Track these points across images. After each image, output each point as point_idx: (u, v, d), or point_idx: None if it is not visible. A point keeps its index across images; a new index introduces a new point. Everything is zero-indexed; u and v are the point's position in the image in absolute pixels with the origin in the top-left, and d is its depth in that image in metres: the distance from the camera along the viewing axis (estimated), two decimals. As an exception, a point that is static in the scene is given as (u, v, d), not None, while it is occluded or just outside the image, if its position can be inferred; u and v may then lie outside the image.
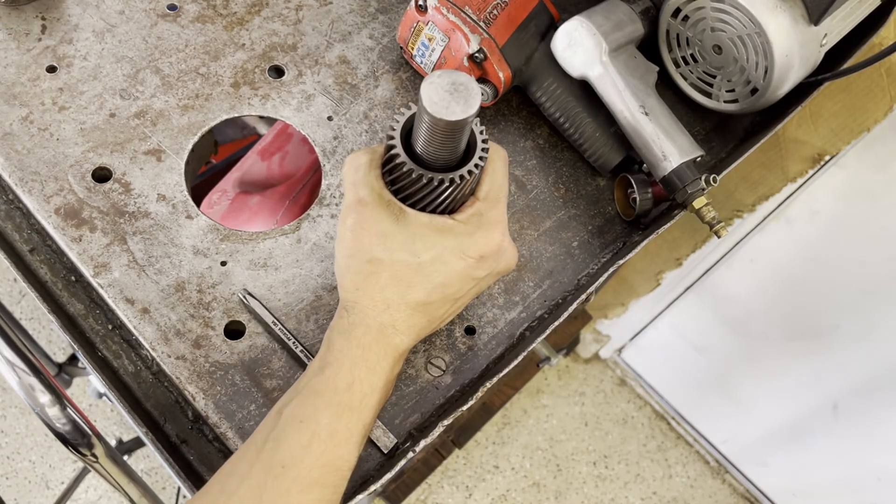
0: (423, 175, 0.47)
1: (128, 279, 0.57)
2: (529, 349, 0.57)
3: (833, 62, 0.68)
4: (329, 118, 0.65)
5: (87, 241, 0.57)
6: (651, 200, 0.64)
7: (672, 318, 1.47)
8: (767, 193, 1.07)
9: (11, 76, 0.62)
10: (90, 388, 1.28)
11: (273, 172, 0.88)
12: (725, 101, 0.67)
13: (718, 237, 0.61)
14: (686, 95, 0.69)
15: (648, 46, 0.68)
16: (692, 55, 0.66)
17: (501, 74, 0.63)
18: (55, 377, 1.06)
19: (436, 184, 0.47)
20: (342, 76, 0.67)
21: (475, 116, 0.44)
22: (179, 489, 1.40)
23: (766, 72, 0.61)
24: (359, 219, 0.48)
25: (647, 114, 0.62)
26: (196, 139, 0.62)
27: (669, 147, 0.61)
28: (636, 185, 0.64)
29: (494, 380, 0.55)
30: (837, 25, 0.64)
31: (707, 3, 0.61)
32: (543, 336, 0.59)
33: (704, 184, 0.60)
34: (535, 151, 0.68)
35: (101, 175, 0.60)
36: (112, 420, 1.57)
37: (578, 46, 0.62)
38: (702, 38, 0.64)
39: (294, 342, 0.56)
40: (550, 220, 0.66)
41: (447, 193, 0.48)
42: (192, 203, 0.60)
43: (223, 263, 0.59)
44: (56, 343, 1.59)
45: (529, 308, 0.62)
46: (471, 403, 0.54)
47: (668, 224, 0.62)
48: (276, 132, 0.89)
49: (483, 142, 0.48)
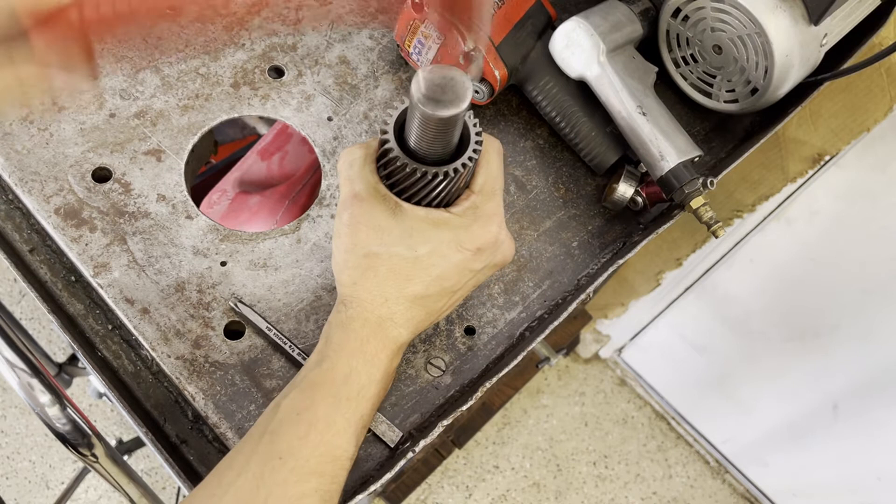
0: (417, 169, 0.47)
1: (128, 279, 0.57)
2: (529, 349, 0.57)
3: (833, 62, 0.68)
4: (329, 118, 0.65)
5: (87, 241, 0.57)
6: (633, 192, 0.63)
7: (672, 318, 1.47)
8: (767, 193, 1.07)
9: (11, 76, 0.62)
10: (90, 388, 1.28)
11: (273, 172, 0.88)
12: (725, 102, 0.67)
13: (716, 237, 0.61)
14: (686, 95, 0.69)
15: (648, 46, 0.68)
16: (692, 55, 0.66)
17: (497, 73, 0.63)
18: (55, 377, 1.06)
19: (430, 177, 0.47)
20: (342, 76, 0.67)
21: (466, 111, 0.44)
22: (179, 489, 1.40)
23: (766, 72, 0.61)
24: (355, 213, 0.48)
25: (645, 114, 0.62)
26: (196, 139, 0.62)
27: (667, 147, 0.61)
28: (623, 177, 0.64)
29: (494, 380, 0.55)
30: (837, 25, 0.64)
31: (707, 3, 0.61)
32: (543, 336, 0.59)
33: (702, 187, 0.60)
34: (535, 151, 0.68)
35: (101, 175, 0.60)
36: (112, 420, 1.57)
37: (576, 47, 0.62)
38: (702, 38, 0.64)
39: (290, 345, 0.56)
40: (550, 220, 0.66)
41: (442, 187, 0.48)
42: (192, 203, 0.60)
43: (223, 264, 0.59)
44: (56, 343, 1.59)
45: (529, 308, 0.62)
46: (470, 403, 0.54)
47: (668, 224, 0.62)
48: (276, 132, 0.89)
49: (477, 135, 0.48)
